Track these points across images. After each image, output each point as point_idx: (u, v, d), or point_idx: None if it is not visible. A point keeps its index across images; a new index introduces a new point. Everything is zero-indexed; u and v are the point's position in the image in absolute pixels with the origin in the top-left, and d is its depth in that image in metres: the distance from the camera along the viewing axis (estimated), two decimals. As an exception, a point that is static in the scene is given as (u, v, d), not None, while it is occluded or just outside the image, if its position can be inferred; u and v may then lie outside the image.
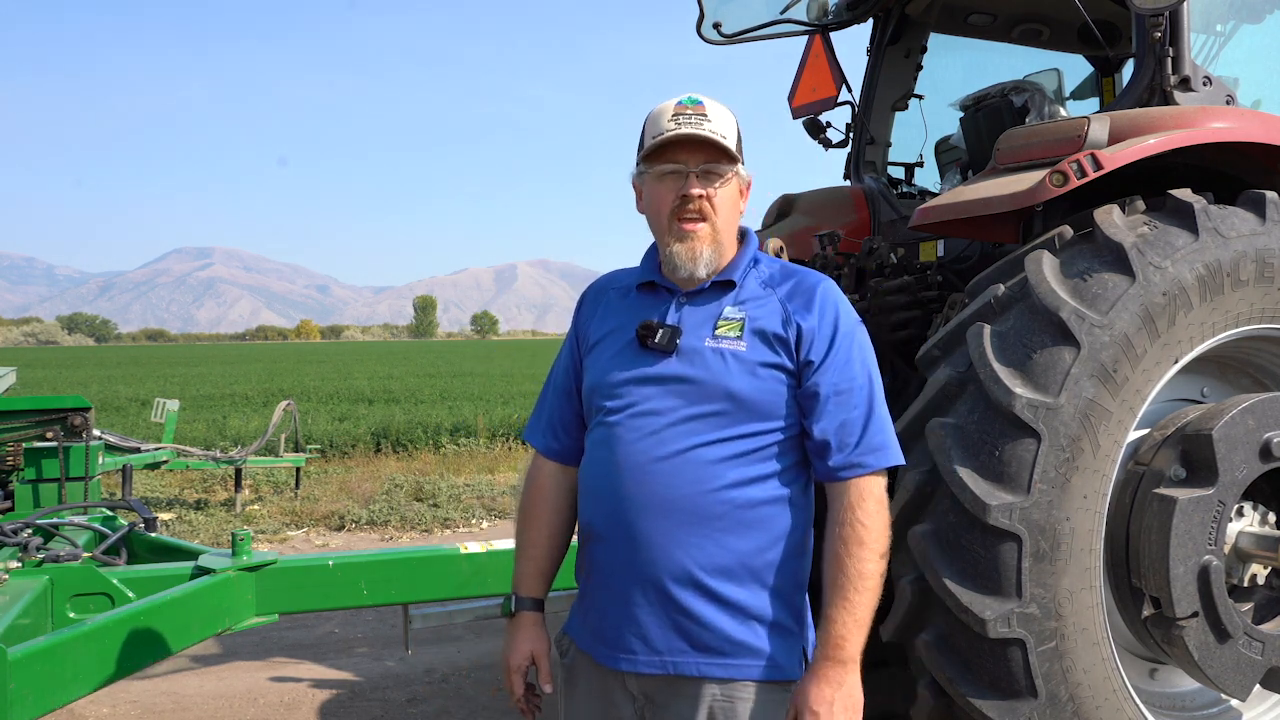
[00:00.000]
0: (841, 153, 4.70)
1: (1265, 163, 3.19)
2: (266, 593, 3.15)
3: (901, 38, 4.58)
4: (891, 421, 1.98)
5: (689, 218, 1.93)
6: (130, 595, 3.06)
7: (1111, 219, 2.81)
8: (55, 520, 3.70)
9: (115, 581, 3.08)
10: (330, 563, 3.25)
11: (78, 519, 3.77)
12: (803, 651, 1.95)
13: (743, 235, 2.05)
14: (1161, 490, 2.79)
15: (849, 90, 4.58)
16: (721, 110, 1.96)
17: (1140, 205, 2.90)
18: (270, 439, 9.57)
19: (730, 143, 1.93)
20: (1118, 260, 2.73)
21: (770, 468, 1.90)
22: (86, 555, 3.33)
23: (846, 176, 4.72)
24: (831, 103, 4.56)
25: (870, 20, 4.58)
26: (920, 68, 4.65)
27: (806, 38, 4.61)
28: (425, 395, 21.44)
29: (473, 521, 9.00)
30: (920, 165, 4.67)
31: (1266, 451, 2.83)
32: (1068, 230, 2.87)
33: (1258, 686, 2.92)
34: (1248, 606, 2.95)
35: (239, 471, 9.42)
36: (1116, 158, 2.83)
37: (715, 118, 1.93)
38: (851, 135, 4.63)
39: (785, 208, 4.59)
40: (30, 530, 3.51)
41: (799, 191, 4.63)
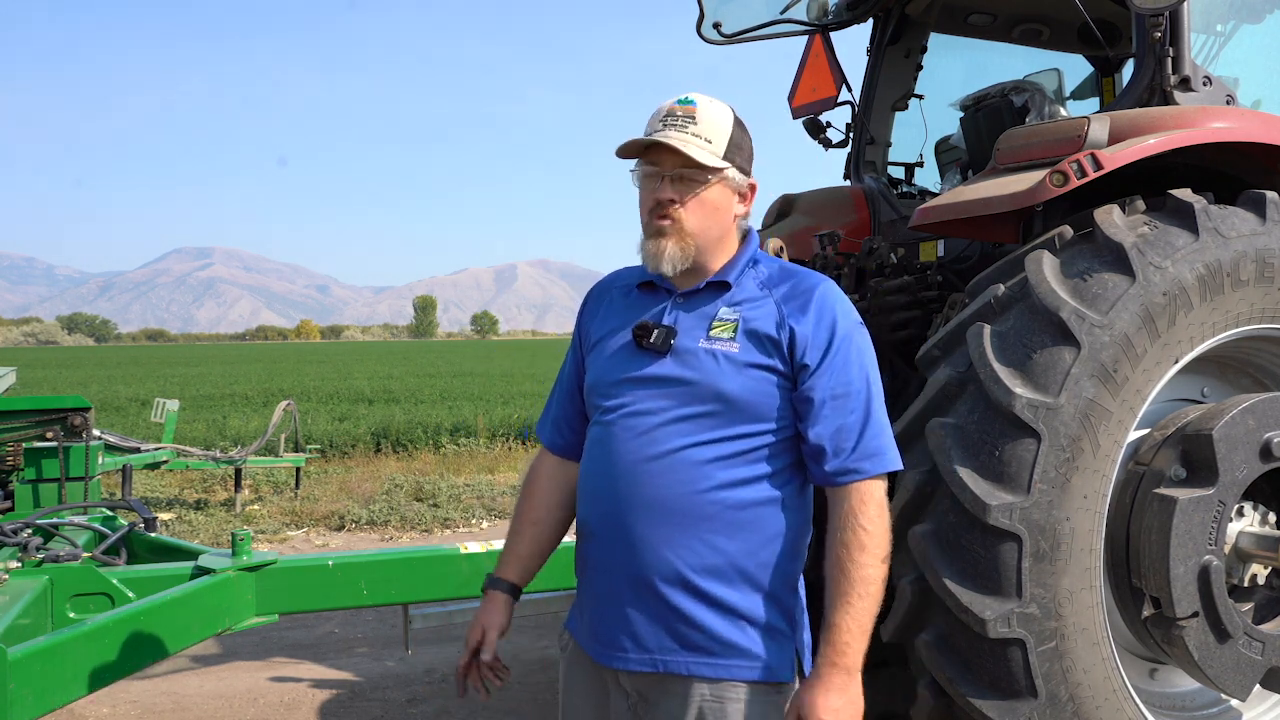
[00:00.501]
0: (841, 153, 4.70)
1: (1265, 163, 3.19)
2: (266, 593, 3.15)
3: (901, 38, 4.58)
4: (890, 426, 1.96)
5: (659, 218, 1.93)
6: (130, 595, 3.06)
7: (1111, 219, 2.81)
8: (55, 520, 3.70)
9: (115, 581, 3.08)
10: (330, 563, 3.25)
11: (78, 519, 3.77)
12: (795, 653, 1.94)
13: (745, 235, 2.05)
14: (1162, 490, 2.78)
15: (849, 90, 4.58)
16: (715, 112, 1.93)
17: (1140, 205, 2.90)
18: (270, 439, 9.57)
19: (709, 150, 1.90)
20: (1118, 260, 2.73)
21: (762, 469, 1.89)
22: (86, 555, 3.34)
23: (846, 176, 4.72)
24: (831, 103, 4.56)
25: (870, 20, 4.58)
26: (920, 68, 4.65)
27: (806, 38, 4.61)
28: (425, 395, 21.43)
29: (473, 521, 9.00)
30: (920, 165, 4.66)
31: (1267, 451, 2.83)
32: (1068, 230, 2.87)
33: (1258, 686, 2.92)
34: (1248, 606, 2.95)
35: (239, 471, 9.42)
36: (1116, 158, 2.83)
37: (704, 120, 1.91)
38: (851, 135, 4.63)
39: (785, 208, 4.59)
40: (30, 530, 3.51)
41: (799, 191, 4.63)
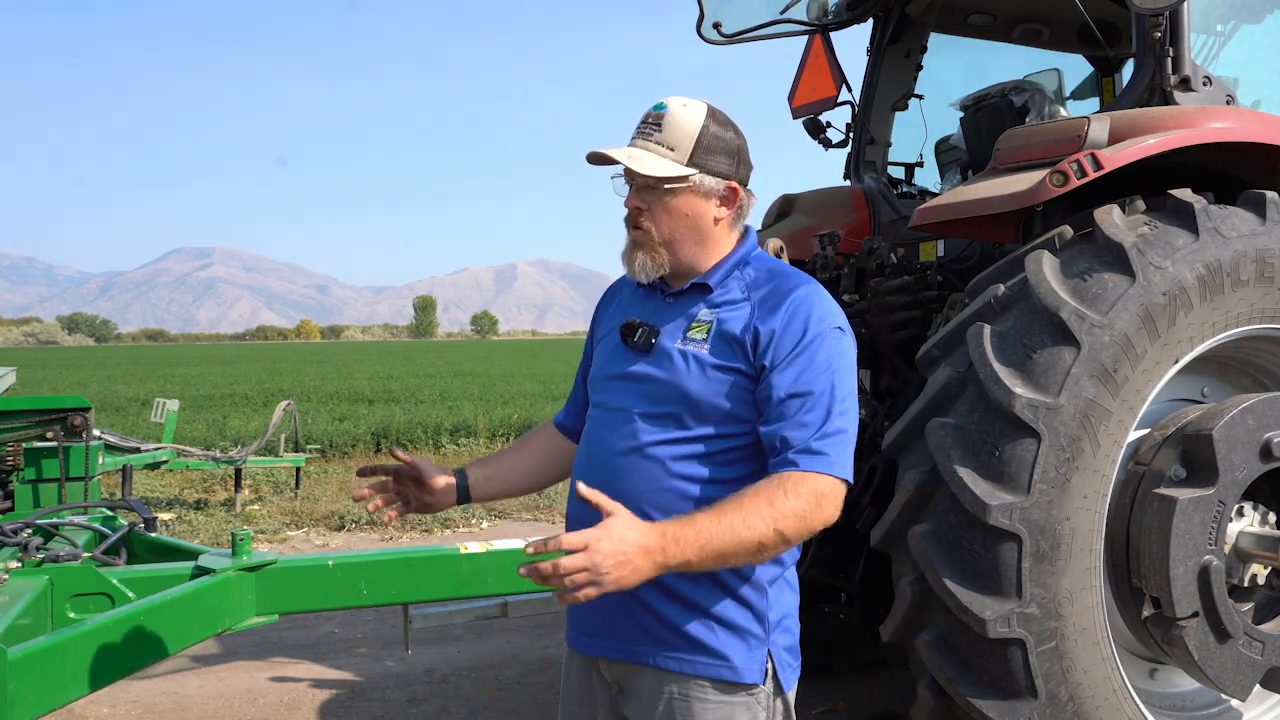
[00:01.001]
0: (841, 153, 4.71)
1: (1265, 163, 3.19)
2: (266, 593, 3.15)
3: (901, 38, 4.58)
4: (853, 440, 1.87)
5: (633, 228, 1.97)
6: (130, 595, 3.05)
7: (1111, 219, 2.81)
8: (55, 520, 3.69)
9: (115, 581, 3.08)
10: (330, 563, 3.24)
11: (78, 519, 3.76)
12: (767, 654, 1.92)
13: (743, 236, 2.05)
14: (1162, 490, 2.79)
15: (849, 90, 4.58)
16: (683, 117, 1.92)
17: (1140, 205, 2.90)
18: (270, 439, 9.56)
19: (670, 158, 1.89)
20: (1118, 260, 2.73)
21: (729, 471, 1.89)
22: (86, 555, 3.33)
23: (846, 176, 4.73)
24: (831, 103, 4.57)
25: (870, 20, 4.58)
26: (920, 68, 4.65)
27: (806, 38, 4.62)
28: (425, 395, 21.42)
29: (473, 521, 9.00)
30: (920, 165, 4.67)
31: (1266, 451, 2.83)
32: (1068, 230, 2.87)
33: (1258, 686, 2.92)
34: (1248, 606, 2.95)
35: (239, 471, 9.41)
36: (1116, 158, 2.83)
37: (670, 126, 1.91)
38: (851, 135, 4.64)
39: (785, 208, 4.59)
40: (30, 530, 3.51)
41: (799, 191, 4.64)
